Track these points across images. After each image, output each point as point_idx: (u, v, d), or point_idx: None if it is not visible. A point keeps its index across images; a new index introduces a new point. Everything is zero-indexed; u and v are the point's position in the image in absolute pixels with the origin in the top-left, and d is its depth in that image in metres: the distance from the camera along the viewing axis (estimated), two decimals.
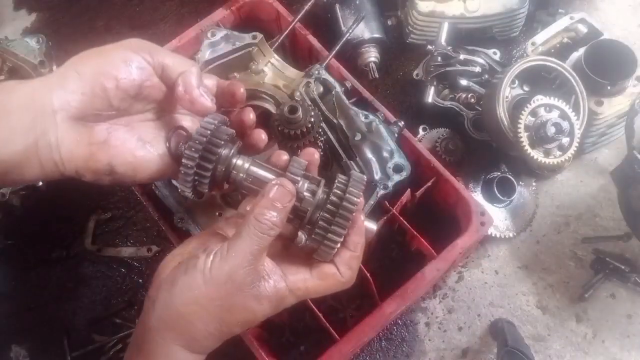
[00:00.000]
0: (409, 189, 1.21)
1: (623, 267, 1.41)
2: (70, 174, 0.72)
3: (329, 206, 0.72)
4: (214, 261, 0.69)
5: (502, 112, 1.36)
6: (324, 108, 1.19)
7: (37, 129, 0.67)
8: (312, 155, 0.80)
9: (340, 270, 0.75)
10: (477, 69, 1.53)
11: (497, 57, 1.56)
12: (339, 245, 0.72)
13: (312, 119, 1.03)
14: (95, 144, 0.72)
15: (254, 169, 0.76)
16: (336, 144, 1.17)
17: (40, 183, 1.51)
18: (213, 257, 0.69)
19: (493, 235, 1.47)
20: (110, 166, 0.73)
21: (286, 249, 0.77)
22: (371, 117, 1.19)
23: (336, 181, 0.74)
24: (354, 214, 0.72)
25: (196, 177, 0.74)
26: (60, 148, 0.69)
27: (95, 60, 0.71)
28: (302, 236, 0.75)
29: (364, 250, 0.77)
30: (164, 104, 0.81)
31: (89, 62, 0.71)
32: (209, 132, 0.72)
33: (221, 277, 0.68)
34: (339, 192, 0.73)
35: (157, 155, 0.78)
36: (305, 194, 0.74)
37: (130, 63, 0.72)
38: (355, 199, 0.72)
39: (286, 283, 0.72)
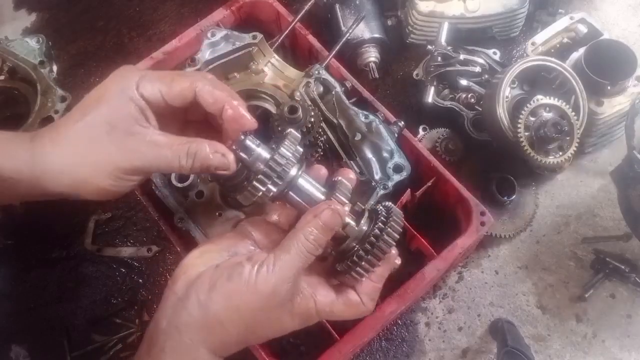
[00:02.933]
0: (409, 189, 1.21)
1: (623, 267, 1.41)
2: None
3: (370, 239, 0.74)
4: (260, 272, 0.69)
5: (502, 112, 1.36)
6: (324, 108, 1.19)
7: None
8: (349, 175, 0.82)
9: (363, 300, 0.78)
10: (477, 69, 1.52)
11: (497, 57, 1.56)
12: (368, 274, 0.75)
13: (312, 119, 1.03)
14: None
15: (302, 182, 0.77)
16: (336, 144, 1.17)
17: None
18: (259, 268, 0.70)
19: (493, 235, 1.47)
20: None
21: (309, 267, 0.78)
22: (371, 117, 1.19)
23: (379, 216, 0.76)
24: (389, 250, 0.75)
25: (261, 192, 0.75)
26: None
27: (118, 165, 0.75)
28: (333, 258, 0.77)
29: None
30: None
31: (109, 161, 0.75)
32: (287, 157, 0.74)
33: (266, 290, 0.69)
34: (381, 225, 0.75)
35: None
36: (349, 221, 0.76)
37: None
38: (395, 236, 0.75)
39: (315, 303, 0.74)
